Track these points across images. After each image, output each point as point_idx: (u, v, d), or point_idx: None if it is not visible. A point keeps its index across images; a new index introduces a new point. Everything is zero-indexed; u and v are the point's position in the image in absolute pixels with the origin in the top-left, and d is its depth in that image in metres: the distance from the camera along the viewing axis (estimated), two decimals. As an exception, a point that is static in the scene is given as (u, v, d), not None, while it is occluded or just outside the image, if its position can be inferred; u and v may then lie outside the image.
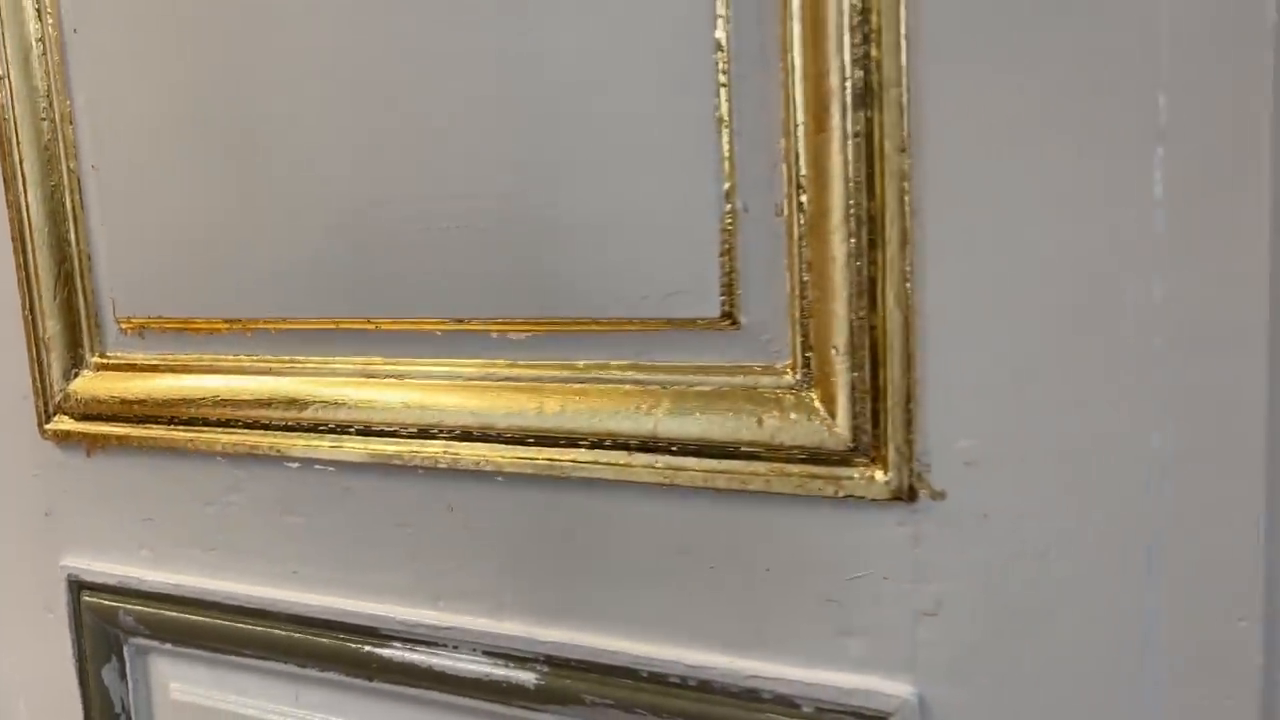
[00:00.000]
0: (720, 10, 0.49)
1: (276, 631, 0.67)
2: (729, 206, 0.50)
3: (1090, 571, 0.45)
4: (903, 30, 0.45)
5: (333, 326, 0.62)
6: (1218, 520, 0.43)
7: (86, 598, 0.75)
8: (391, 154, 0.58)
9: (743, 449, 0.51)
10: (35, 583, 0.77)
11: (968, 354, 0.46)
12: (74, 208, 0.70)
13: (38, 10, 0.68)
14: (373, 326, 0.61)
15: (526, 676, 0.58)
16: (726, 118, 0.50)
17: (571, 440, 0.55)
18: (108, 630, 0.74)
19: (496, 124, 0.54)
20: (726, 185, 0.50)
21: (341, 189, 0.60)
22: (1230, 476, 0.43)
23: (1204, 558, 0.44)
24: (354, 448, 0.62)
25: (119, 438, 0.71)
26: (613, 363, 0.55)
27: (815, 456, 0.49)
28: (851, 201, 0.47)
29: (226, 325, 0.66)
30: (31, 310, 0.72)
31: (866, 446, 0.48)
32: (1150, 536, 0.44)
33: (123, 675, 0.75)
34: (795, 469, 0.50)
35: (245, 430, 0.66)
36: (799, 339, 0.50)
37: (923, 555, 0.48)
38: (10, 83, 0.69)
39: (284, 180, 0.62)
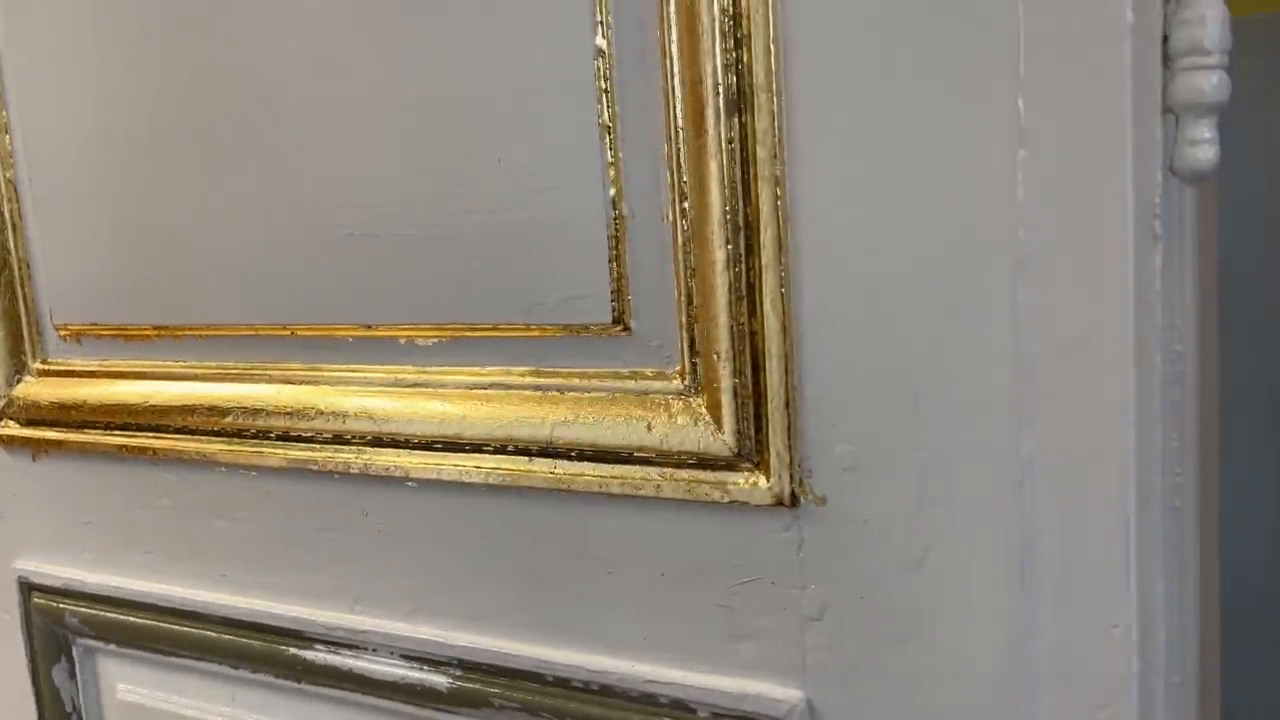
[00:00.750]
0: (600, 16, 0.49)
1: (210, 634, 0.68)
2: (615, 212, 0.50)
3: (965, 577, 0.45)
4: (772, 34, 0.45)
5: (252, 333, 0.63)
6: (1087, 526, 0.43)
7: (36, 599, 0.76)
8: (301, 164, 0.58)
9: (635, 454, 0.51)
10: (-10, 584, 0.79)
11: (844, 359, 0.46)
12: (12, 216, 0.71)
13: (-30, 24, 0.69)
14: (289, 332, 0.62)
15: (440, 680, 0.59)
16: (610, 124, 0.50)
17: (476, 446, 0.56)
18: (56, 631, 0.76)
19: (395, 132, 0.55)
20: (612, 191, 0.50)
21: (257, 198, 0.60)
22: (1097, 483, 0.42)
23: (1075, 564, 0.43)
24: (273, 453, 0.63)
25: (60, 443, 0.72)
26: (514, 369, 0.55)
27: (703, 461, 0.49)
28: (728, 208, 0.47)
29: (155, 332, 0.67)
30: (-26, 318, 0.73)
31: (750, 452, 0.48)
32: (1021, 543, 0.44)
33: (72, 675, 0.77)
34: (684, 474, 0.50)
35: (174, 436, 0.67)
36: (686, 344, 0.50)
37: (807, 560, 0.48)
38: (-53, 95, 0.70)
39: (205, 190, 0.62)
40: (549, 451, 0.54)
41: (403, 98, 0.54)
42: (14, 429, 0.74)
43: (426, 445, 0.57)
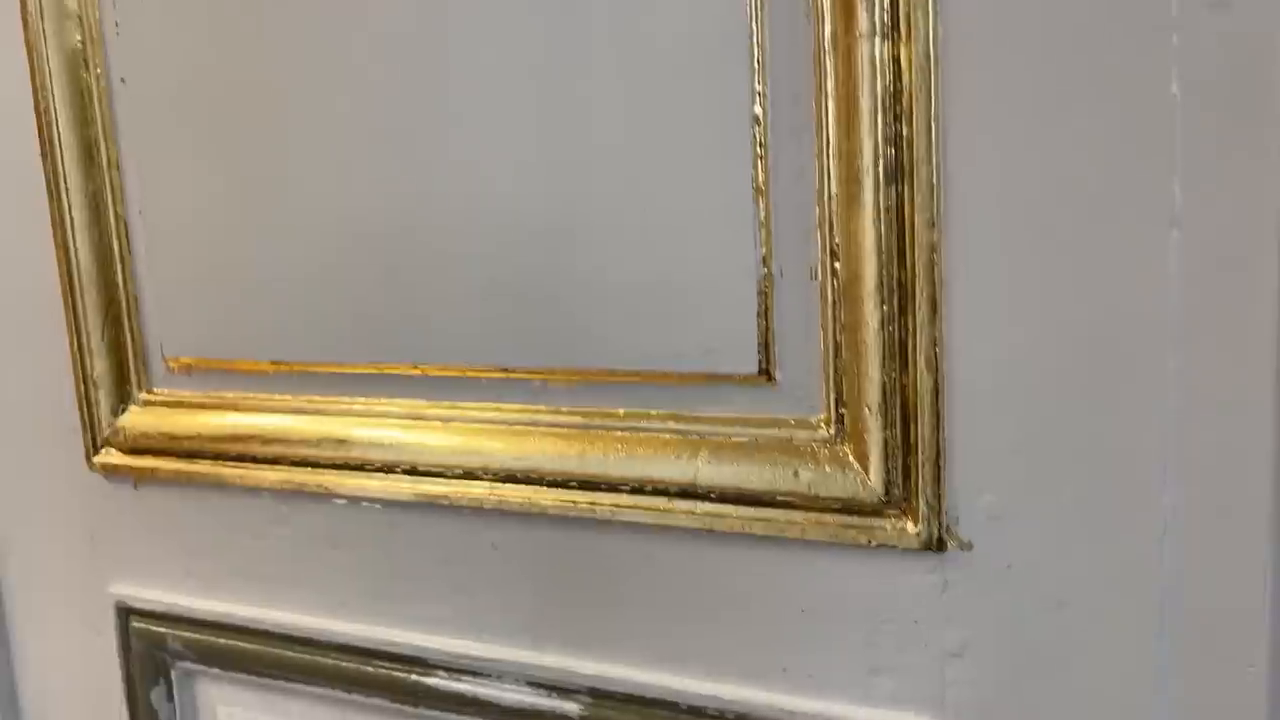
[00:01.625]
0: (759, 87, 0.51)
1: (323, 659, 0.70)
2: (765, 270, 0.53)
3: (1105, 620, 0.49)
4: (934, 113, 0.48)
5: (378, 371, 0.65)
6: (1226, 575, 0.46)
7: (135, 624, 0.78)
8: (441, 211, 0.61)
9: (779, 498, 0.54)
10: (82, 607, 0.80)
11: (993, 415, 0.49)
12: (121, 251, 0.73)
13: (86, 61, 0.70)
14: (419, 371, 0.64)
15: (571, 707, 0.62)
16: (763, 186, 0.52)
17: (613, 486, 0.58)
18: (155, 654, 0.77)
19: (543, 183, 0.57)
20: (763, 250, 0.53)
21: (390, 242, 0.62)
22: (1238, 534, 0.46)
23: (1213, 610, 0.47)
24: (401, 487, 0.65)
25: (167, 471, 0.73)
26: (652, 411, 0.58)
27: (849, 507, 0.53)
28: (883, 271, 0.50)
29: (273, 366, 0.69)
30: (79, 349, 0.74)
31: (898, 499, 0.51)
32: (1161, 587, 0.47)
33: (169, 697, 0.78)
34: (831, 519, 0.53)
35: (293, 467, 0.69)
36: (833, 396, 0.53)
37: (950, 601, 0.51)
38: (59, 131, 0.71)
39: (330, 230, 0.64)
40: (690, 493, 0.56)
41: (553, 155, 0.56)
42: (116, 457, 0.76)
43: (562, 483, 0.60)
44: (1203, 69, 0.44)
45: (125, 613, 0.78)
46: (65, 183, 0.72)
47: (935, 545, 0.51)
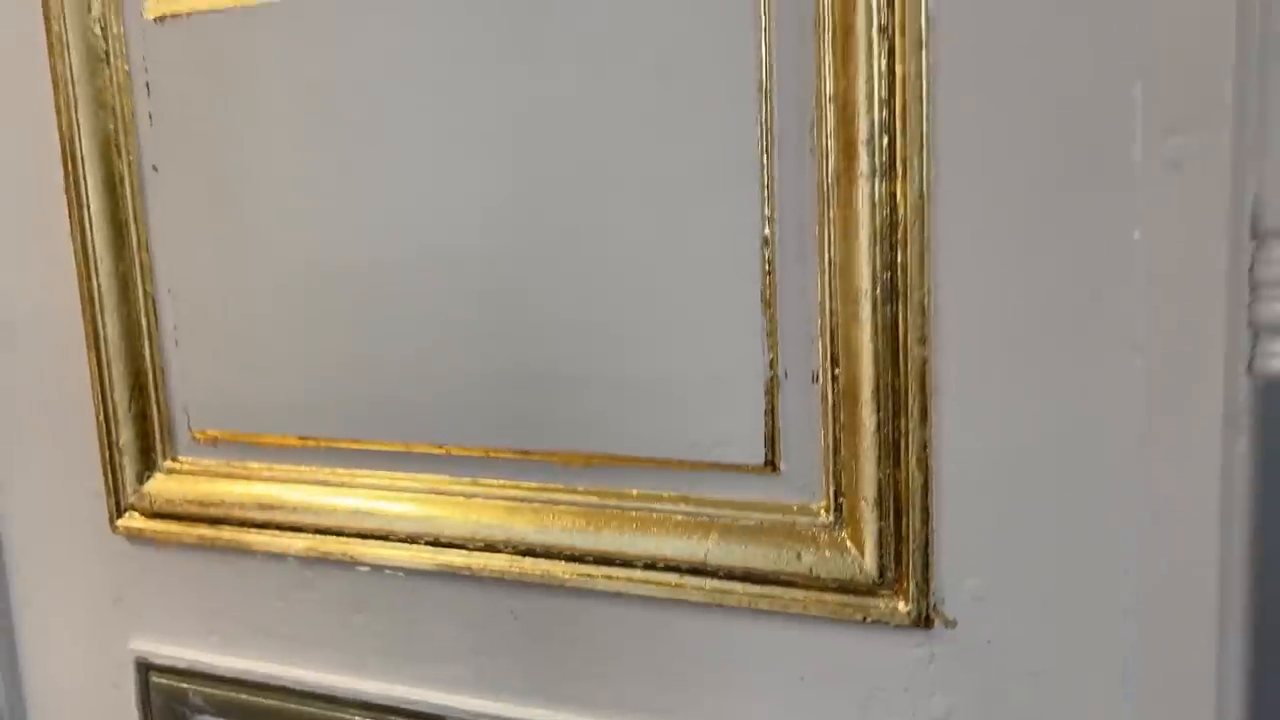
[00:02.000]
0: (768, 213, 0.57)
1: (344, 716, 0.75)
2: (772, 373, 0.59)
3: (1076, 689, 0.55)
4: (925, 242, 0.54)
5: (404, 449, 0.70)
6: (1179, 652, 0.53)
7: (155, 679, 0.81)
8: (469, 304, 0.65)
9: (783, 577, 0.60)
10: (102, 662, 0.84)
11: (976, 509, 0.56)
12: (149, 328, 0.76)
13: (119, 149, 0.74)
14: (442, 450, 0.69)
15: (584, 762, 0.67)
16: (770, 300, 0.58)
17: (627, 561, 0.64)
18: (175, 708, 0.81)
19: (573, 287, 0.62)
20: (770, 355, 0.59)
21: (418, 327, 0.67)
22: (1188, 613, 0.53)
23: (1169, 674, 0.54)
24: (424, 557, 0.70)
25: (191, 536, 0.77)
26: (665, 494, 0.63)
27: (846, 587, 0.59)
28: (879, 379, 0.56)
29: (299, 441, 0.73)
30: (106, 419, 0.78)
31: (890, 581, 0.58)
32: (1124, 659, 0.54)
33: (188, 748, 0.82)
34: (829, 597, 0.59)
35: (317, 535, 0.73)
36: (832, 487, 0.59)
37: (936, 672, 0.58)
38: (90, 213, 0.75)
39: (359, 315, 0.69)
40: (700, 571, 0.62)
41: (584, 262, 0.62)
42: (140, 521, 0.79)
43: (579, 558, 0.65)
44: (1160, 218, 0.50)
45: (145, 668, 0.82)
46: (96, 262, 0.75)
47: (923, 622, 0.57)
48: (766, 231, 0.58)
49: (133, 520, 0.79)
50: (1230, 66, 0.48)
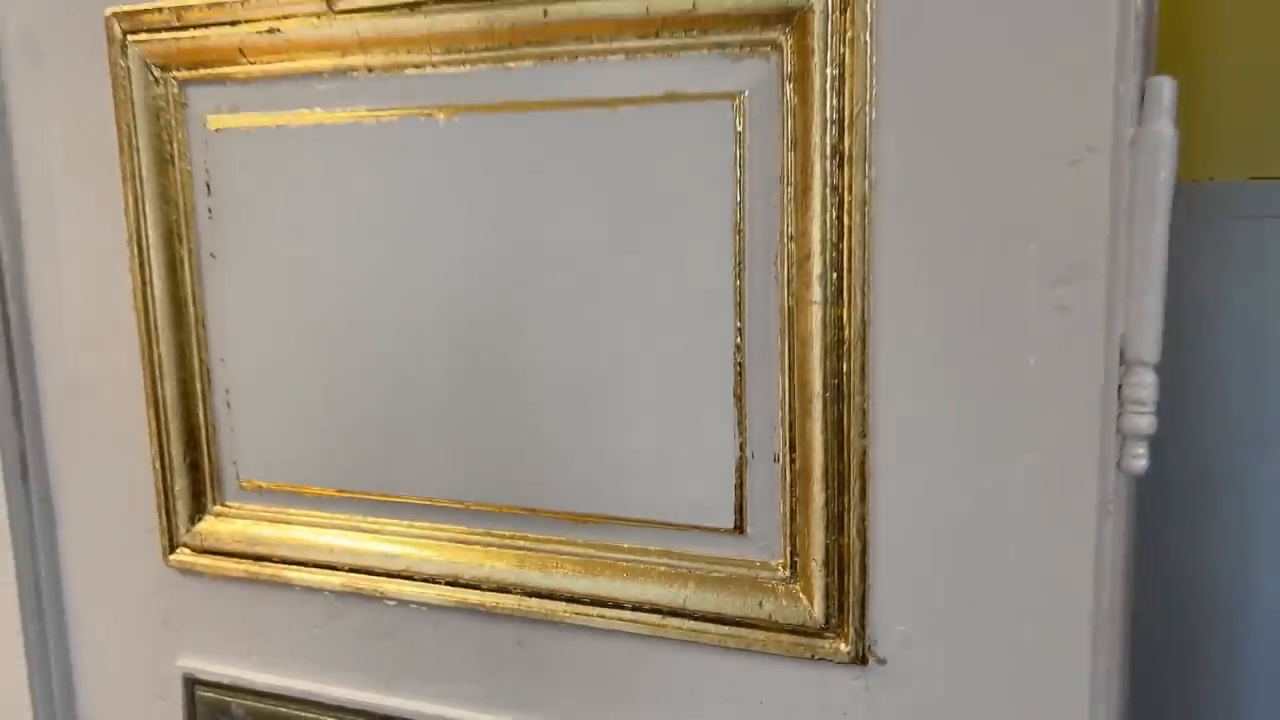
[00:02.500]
0: (739, 326, 0.70)
1: (370, 726, 0.87)
2: (741, 454, 0.72)
3: (982, 714, 0.69)
4: (866, 357, 0.67)
5: (429, 503, 0.82)
6: (1051, 679, 0.67)
7: (200, 692, 0.93)
8: (490, 383, 0.78)
9: (747, 621, 0.73)
10: (151, 676, 0.95)
11: (904, 570, 0.69)
12: (203, 390, 0.88)
13: (181, 238, 0.85)
14: (462, 505, 0.81)
15: (579, 769, 0.80)
16: (740, 395, 0.71)
17: (617, 604, 0.77)
18: (218, 718, 0.93)
19: (581, 383, 0.75)
20: (740, 440, 0.72)
21: (447, 399, 0.79)
22: (1061, 669, 0.66)
23: (1044, 702, 0.67)
24: (444, 594, 0.82)
25: (237, 570, 0.89)
26: (650, 548, 0.76)
27: (798, 630, 0.72)
28: (828, 463, 0.69)
29: (337, 493, 0.85)
30: (163, 468, 0.89)
31: (834, 626, 0.71)
32: (1020, 691, 0.68)
33: (229, 753, 0.94)
34: (785, 638, 0.72)
35: (351, 573, 0.85)
36: (788, 548, 0.72)
37: (870, 700, 0.71)
38: (154, 292, 0.86)
39: (393, 385, 0.81)
40: (678, 613, 0.75)
41: (589, 362, 0.74)
42: (190, 556, 0.91)
43: (576, 600, 0.78)
44: (1050, 349, 0.64)
45: (191, 682, 0.93)
46: (157, 333, 0.87)
47: (860, 660, 0.70)
48: (738, 341, 0.70)
49: (183, 555, 0.91)
50: (1105, 235, 0.62)
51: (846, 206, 0.66)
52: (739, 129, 0.67)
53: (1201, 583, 1.48)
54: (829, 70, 0.64)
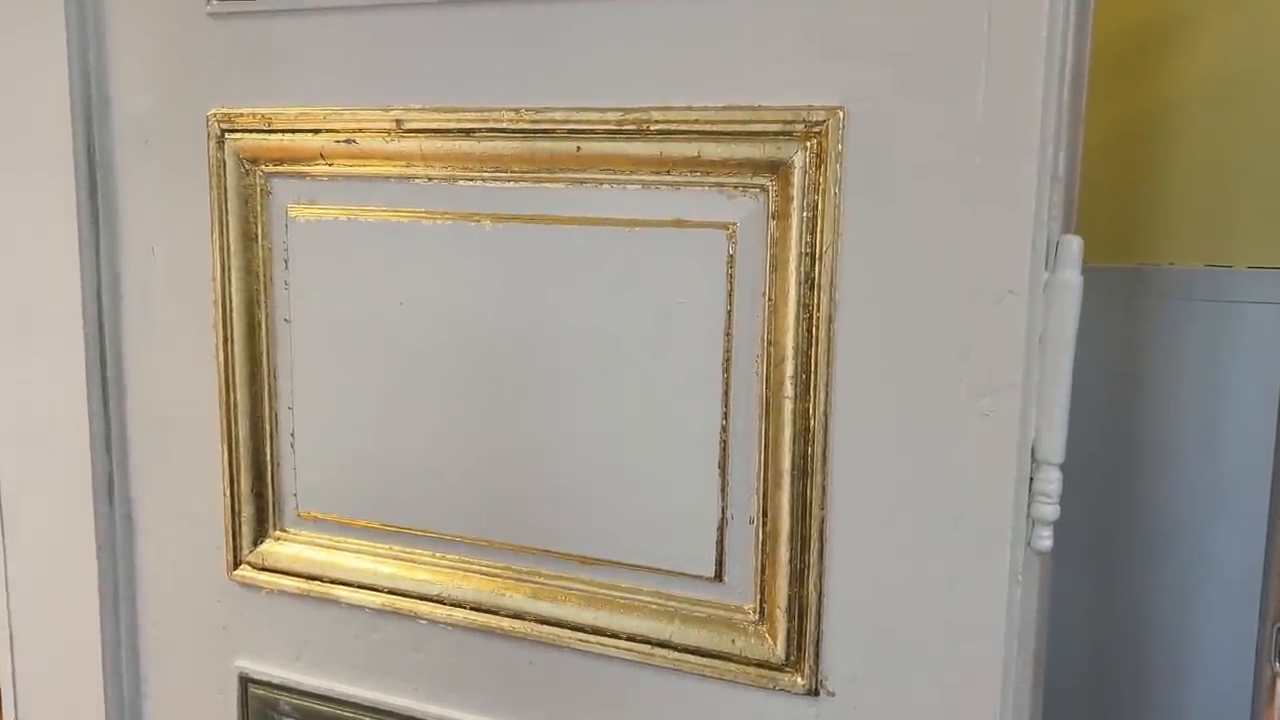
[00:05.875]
0: (725, 410, 0.85)
1: (399, 725, 1.02)
2: (723, 516, 0.87)
3: (908, 743, 0.83)
4: (827, 444, 0.82)
5: (458, 539, 0.97)
6: (971, 702, 0.81)
7: (253, 689, 1.08)
8: (513, 450, 0.93)
9: (722, 654, 0.88)
10: (210, 674, 1.10)
11: (853, 619, 0.83)
12: (271, 433, 1.03)
13: (259, 304, 1.01)
14: (486, 542, 0.96)
15: (576, 771, 0.95)
16: (724, 467, 0.86)
17: (614, 634, 0.91)
18: (268, 713, 1.08)
19: (584, 451, 0.90)
20: (722, 504, 0.87)
21: (476, 452, 0.94)
22: (977, 686, 0.81)
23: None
24: (468, 617, 0.97)
25: (291, 587, 1.04)
26: (644, 589, 0.91)
27: (764, 665, 0.87)
28: (794, 528, 0.84)
29: (381, 525, 1.00)
30: (232, 496, 1.05)
31: (793, 662, 0.86)
32: (940, 727, 0.82)
33: (274, 743, 1.09)
34: (753, 670, 0.87)
35: (389, 595, 1.00)
36: (758, 596, 0.86)
37: (820, 724, 0.86)
38: (234, 348, 1.01)
39: (435, 439, 0.96)
40: (666, 645, 0.90)
41: (591, 432, 0.89)
42: (251, 573, 1.06)
43: (580, 629, 0.93)
44: (974, 448, 0.78)
45: (245, 681, 1.09)
46: (235, 383, 1.02)
47: (814, 692, 0.85)
48: (724, 423, 0.85)
49: (245, 571, 1.06)
50: (1022, 359, 0.76)
51: (815, 321, 0.81)
52: (731, 253, 0.83)
53: (1155, 626, 1.62)
54: (804, 212, 0.79)
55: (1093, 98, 1.55)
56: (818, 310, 0.80)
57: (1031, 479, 0.79)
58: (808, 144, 0.79)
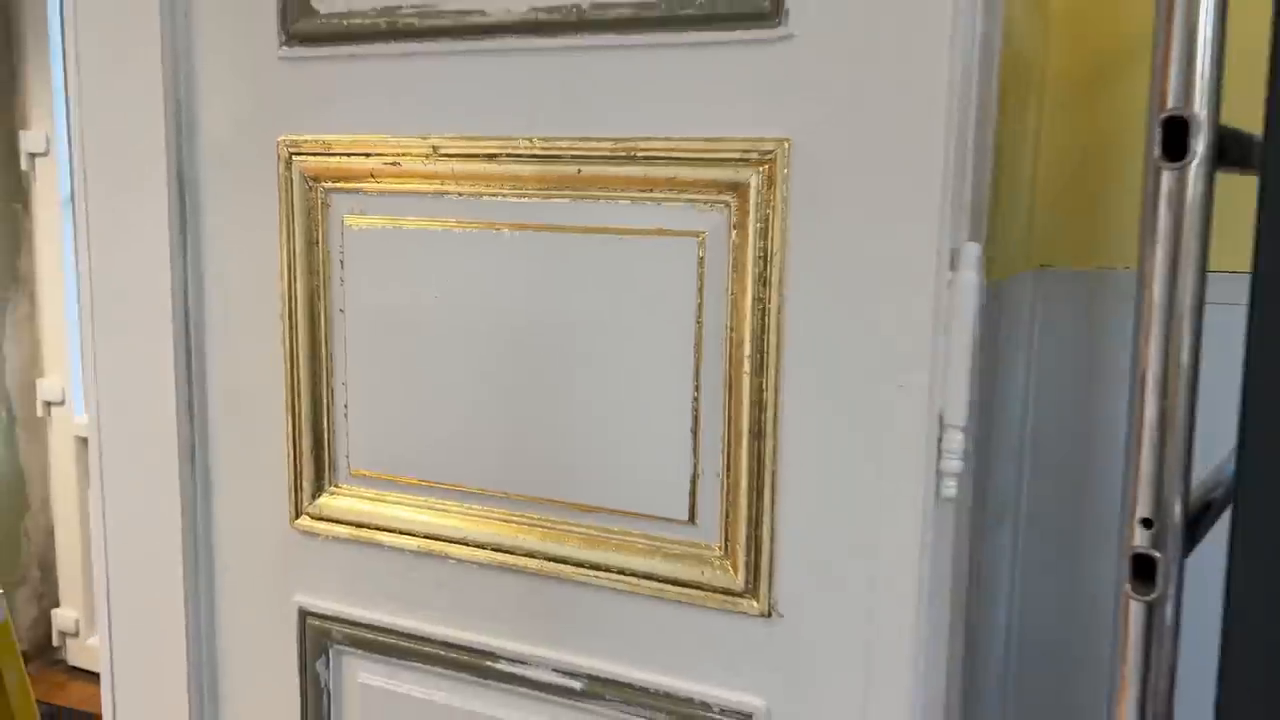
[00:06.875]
0: (695, 384, 1.05)
1: (428, 649, 1.22)
2: (694, 471, 1.06)
3: (841, 657, 1.02)
4: (778, 409, 1.01)
5: (483, 492, 1.18)
6: (892, 624, 1.00)
7: (310, 620, 1.29)
8: (524, 416, 1.13)
9: (694, 584, 1.07)
10: (274, 608, 1.31)
11: (799, 555, 1.03)
12: (328, 405, 1.24)
13: (319, 297, 1.22)
14: (504, 494, 1.17)
15: (575, 684, 1.15)
16: (695, 431, 1.06)
17: (607, 568, 1.11)
18: (321, 641, 1.29)
19: (583, 419, 1.10)
20: (694, 461, 1.06)
21: (503, 416, 1.15)
22: (897, 605, 1.00)
23: (879, 663, 1.01)
24: (490, 557, 1.17)
25: (342, 533, 1.25)
26: (633, 531, 1.11)
27: (727, 591, 1.06)
28: (751, 482, 1.03)
29: (418, 481, 1.21)
30: (295, 458, 1.26)
31: (751, 589, 1.05)
32: (869, 640, 1.01)
33: (327, 666, 1.30)
34: (719, 597, 1.06)
35: (424, 539, 1.21)
36: (723, 536, 1.06)
37: (773, 641, 1.05)
38: (298, 335, 1.23)
39: (466, 408, 1.16)
40: (650, 577, 1.10)
41: (588, 402, 1.09)
42: (309, 522, 1.27)
43: (580, 564, 1.13)
44: (894, 412, 0.98)
45: (303, 614, 1.30)
46: (298, 362, 1.23)
47: (767, 614, 1.05)
48: (695, 394, 1.05)
49: (304, 521, 1.27)
50: (929, 342, 0.96)
51: (767, 312, 1.00)
52: (701, 256, 1.02)
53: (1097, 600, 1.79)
54: (758, 224, 0.99)
55: (1056, 116, 1.76)
56: (769, 303, 1.00)
57: (940, 439, 0.98)
58: (761, 169, 0.98)
